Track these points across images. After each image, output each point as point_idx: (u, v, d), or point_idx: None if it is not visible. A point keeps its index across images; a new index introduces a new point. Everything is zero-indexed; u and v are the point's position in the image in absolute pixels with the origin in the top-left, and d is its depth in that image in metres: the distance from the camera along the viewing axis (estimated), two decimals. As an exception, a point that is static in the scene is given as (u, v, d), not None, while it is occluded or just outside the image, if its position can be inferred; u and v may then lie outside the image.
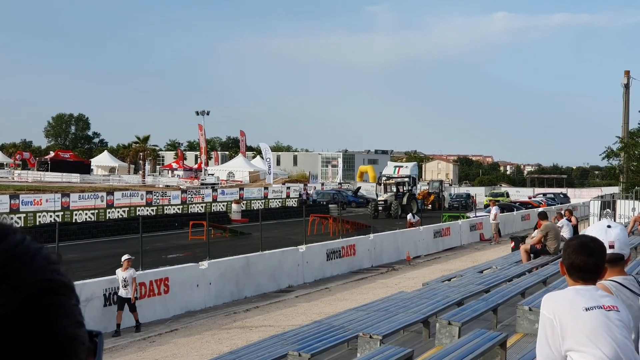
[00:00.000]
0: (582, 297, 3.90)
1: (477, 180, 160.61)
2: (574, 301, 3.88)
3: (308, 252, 29.16)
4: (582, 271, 4.02)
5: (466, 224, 45.83)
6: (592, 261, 4.01)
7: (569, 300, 3.90)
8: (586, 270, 4.01)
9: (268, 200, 71.10)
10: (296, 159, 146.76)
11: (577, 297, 3.90)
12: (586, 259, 4.02)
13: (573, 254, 4.08)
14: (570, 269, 4.07)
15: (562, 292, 4.04)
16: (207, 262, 24.03)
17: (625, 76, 53.42)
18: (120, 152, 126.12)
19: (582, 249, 4.09)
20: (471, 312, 12.40)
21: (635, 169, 52.00)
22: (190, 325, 20.92)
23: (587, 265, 4.01)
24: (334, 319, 13.71)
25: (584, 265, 4.01)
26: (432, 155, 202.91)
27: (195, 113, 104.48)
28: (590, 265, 4.01)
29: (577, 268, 4.03)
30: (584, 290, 3.95)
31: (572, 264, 4.06)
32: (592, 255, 4.04)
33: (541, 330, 3.98)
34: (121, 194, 59.69)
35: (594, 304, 3.86)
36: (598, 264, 4.02)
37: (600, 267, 4.04)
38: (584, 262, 4.01)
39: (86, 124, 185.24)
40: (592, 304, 3.86)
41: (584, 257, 4.03)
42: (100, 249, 36.37)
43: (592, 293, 3.93)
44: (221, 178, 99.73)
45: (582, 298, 3.89)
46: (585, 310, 3.83)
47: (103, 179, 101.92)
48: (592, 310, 3.83)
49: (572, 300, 3.90)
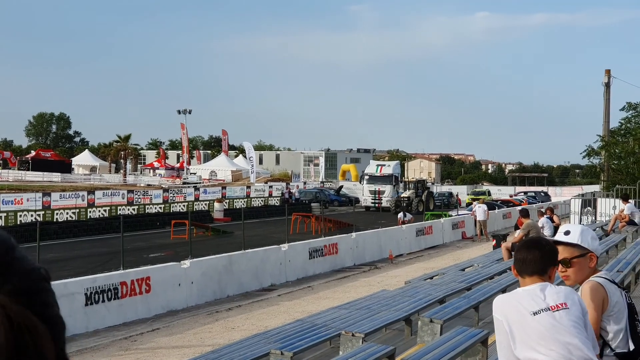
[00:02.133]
0: (530, 299, 3.95)
1: (459, 179, 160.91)
2: (522, 304, 3.94)
3: (290, 250, 29.15)
4: (524, 265, 4.10)
5: (448, 223, 45.92)
6: (532, 255, 4.10)
7: (518, 304, 3.97)
8: (527, 262, 4.09)
9: (250, 199, 71.06)
10: (278, 158, 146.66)
11: (525, 300, 3.96)
12: (526, 253, 4.12)
13: (517, 252, 4.23)
14: (515, 265, 4.18)
15: (512, 295, 4.12)
16: (189, 261, 23.95)
17: (606, 75, 53.67)
18: (102, 151, 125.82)
19: (524, 245, 4.24)
20: (453, 310, 12.43)
21: (616, 167, 52.30)
22: (172, 324, 20.87)
23: (527, 259, 4.09)
24: (317, 318, 13.70)
25: (524, 258, 4.10)
26: (415, 154, 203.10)
27: (177, 112, 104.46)
28: (529, 258, 4.09)
29: (519, 262, 4.13)
30: (532, 291, 4.00)
31: (516, 260, 4.19)
32: (532, 249, 4.14)
33: (497, 333, 4.04)
34: (102, 193, 59.58)
35: (542, 307, 3.92)
36: (537, 258, 4.09)
37: (542, 261, 4.10)
38: (524, 256, 4.12)
39: (67, 123, 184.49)
40: (539, 306, 3.92)
41: (524, 251, 4.14)
42: (81, 248, 36.22)
43: (540, 293, 3.98)
44: (203, 177, 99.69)
45: (530, 301, 3.94)
46: (533, 315, 3.89)
47: (84, 178, 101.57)
48: (539, 314, 3.90)
49: (521, 303, 3.95)
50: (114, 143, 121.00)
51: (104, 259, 30.29)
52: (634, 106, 53.10)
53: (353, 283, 28.10)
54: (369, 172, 74.13)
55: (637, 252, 15.73)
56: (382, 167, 75.43)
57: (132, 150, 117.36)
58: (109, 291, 20.36)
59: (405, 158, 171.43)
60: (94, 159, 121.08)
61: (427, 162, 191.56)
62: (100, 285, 20.13)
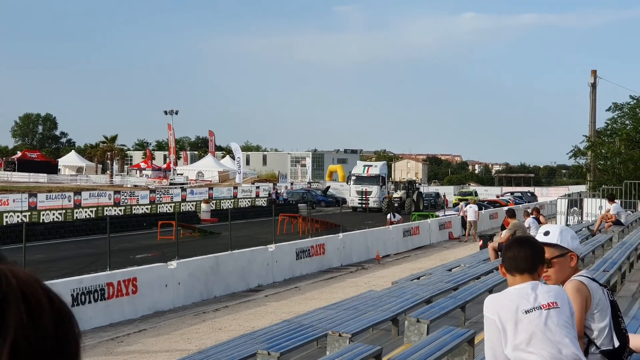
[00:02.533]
0: (522, 297, 3.96)
1: (446, 179, 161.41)
2: (514, 303, 3.95)
3: (277, 251, 29.14)
4: (515, 262, 4.10)
5: (435, 223, 45.98)
6: (524, 252, 4.11)
7: (510, 302, 3.97)
8: (518, 260, 4.10)
9: (237, 200, 70.93)
10: (266, 159, 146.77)
11: (517, 298, 3.97)
12: (517, 250, 4.13)
13: (506, 249, 4.23)
14: (505, 263, 4.17)
15: (504, 294, 4.12)
16: (175, 262, 23.91)
17: (592, 76, 53.85)
18: (88, 151, 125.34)
19: (514, 242, 4.27)
20: (439, 310, 12.46)
21: (602, 167, 52.46)
22: (159, 325, 20.83)
23: (518, 256, 4.10)
24: (304, 318, 13.71)
25: (515, 256, 4.11)
26: (402, 154, 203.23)
27: (164, 112, 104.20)
28: (521, 256, 4.10)
29: (510, 260, 4.13)
30: (523, 290, 4.01)
31: (505, 258, 4.17)
32: (523, 247, 4.15)
33: (486, 332, 4.05)
34: (89, 194, 59.34)
35: (533, 305, 3.94)
36: (528, 255, 4.10)
37: (533, 258, 4.11)
38: (515, 253, 4.12)
39: (53, 123, 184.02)
40: (531, 305, 3.94)
41: (515, 248, 4.14)
42: (67, 249, 36.11)
43: (531, 292, 3.99)
44: (190, 178, 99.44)
45: (522, 299, 3.95)
46: (525, 313, 3.91)
47: (70, 179, 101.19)
48: (531, 312, 3.91)
49: (513, 302, 3.96)
50: (100, 144, 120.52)
51: (90, 259, 30.21)
52: (620, 106, 53.27)
53: (340, 283, 28.11)
54: (356, 173, 74.23)
55: (623, 252, 15.79)
56: (369, 167, 75.54)
57: (118, 151, 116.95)
58: (95, 292, 20.30)
59: (392, 159, 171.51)
60: (80, 159, 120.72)
61: (414, 163, 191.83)
62: (86, 286, 20.07)
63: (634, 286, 13.60)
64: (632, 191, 38.13)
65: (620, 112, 53.43)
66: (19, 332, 1.01)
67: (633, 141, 50.61)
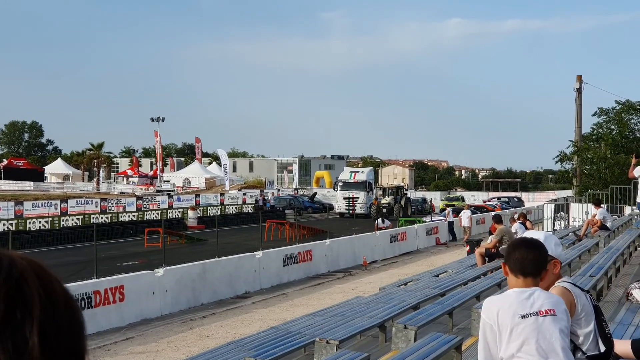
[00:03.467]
0: (521, 302, 3.98)
1: (432, 184, 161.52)
2: (512, 307, 3.97)
3: (265, 258, 29.12)
4: (522, 264, 4.11)
5: (422, 229, 46.05)
6: (533, 255, 4.12)
7: (508, 306, 3.98)
8: (526, 262, 4.11)
9: (224, 207, 70.90)
10: (252, 165, 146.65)
11: (515, 302, 3.98)
12: (526, 252, 4.13)
13: (514, 250, 4.20)
14: (510, 263, 4.16)
15: (502, 297, 4.13)
16: (162, 269, 23.87)
17: (578, 81, 54.05)
18: (74, 159, 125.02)
19: (522, 244, 4.23)
20: (427, 316, 12.45)
21: (588, 172, 52.59)
22: (146, 333, 20.78)
23: (527, 258, 4.11)
24: (291, 325, 13.69)
25: (523, 258, 4.11)
26: (388, 160, 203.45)
27: (150, 119, 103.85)
28: (530, 257, 4.11)
29: (517, 261, 4.13)
30: (523, 294, 4.02)
31: (512, 259, 4.16)
32: (532, 249, 4.15)
33: (481, 334, 4.07)
34: (75, 201, 59.11)
35: (531, 311, 3.95)
36: (537, 259, 4.12)
37: (540, 262, 4.12)
38: (523, 255, 4.12)
39: (39, 131, 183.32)
40: (528, 310, 3.95)
41: (524, 250, 4.14)
42: (54, 257, 35.90)
43: (530, 298, 4.01)
44: (177, 184, 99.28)
45: (520, 304, 3.97)
46: (521, 318, 3.93)
47: (57, 186, 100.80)
48: (527, 318, 3.93)
49: (511, 305, 3.97)
50: (86, 151, 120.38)
51: (77, 267, 30.11)
52: (605, 111, 53.43)
53: (327, 290, 28.11)
54: (343, 179, 74.29)
55: (610, 256, 15.83)
56: (356, 173, 75.61)
57: (105, 158, 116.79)
58: (82, 300, 20.24)
59: (379, 164, 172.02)
60: (66, 167, 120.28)
61: (400, 168, 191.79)
62: (73, 294, 19.95)
63: (620, 291, 13.64)
64: (618, 196, 38.25)
65: (605, 117, 53.58)
66: (40, 307, 1.06)
67: (619, 146, 50.77)
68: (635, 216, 28.56)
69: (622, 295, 12.31)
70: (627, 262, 18.49)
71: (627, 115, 52.68)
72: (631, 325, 8.80)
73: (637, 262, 18.38)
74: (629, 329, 8.58)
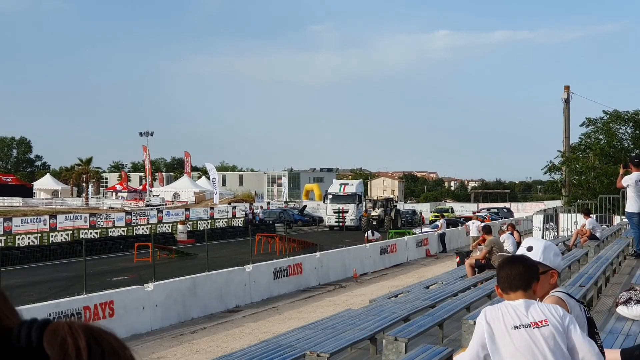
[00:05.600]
0: (514, 313, 4.04)
1: (422, 196, 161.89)
2: (507, 317, 4.02)
3: (255, 271, 29.08)
4: (509, 281, 4.18)
5: (412, 240, 46.09)
6: (516, 269, 4.20)
7: (504, 316, 4.04)
8: (511, 278, 4.18)
9: (214, 221, 70.87)
10: (242, 179, 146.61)
11: (510, 313, 4.04)
12: (509, 269, 4.23)
13: (500, 270, 4.31)
14: (499, 283, 4.27)
15: (500, 307, 4.16)
16: (152, 284, 23.80)
17: (565, 91, 54.36)
18: (63, 174, 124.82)
19: (506, 262, 4.34)
20: (417, 328, 12.45)
21: (577, 182, 52.80)
22: (136, 348, 20.68)
23: (511, 274, 4.19)
24: (282, 338, 13.66)
25: (508, 275, 4.20)
26: (378, 172, 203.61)
27: (139, 134, 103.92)
28: (513, 273, 4.19)
29: (503, 280, 4.22)
30: (517, 306, 4.08)
31: (500, 279, 4.26)
32: (515, 264, 4.25)
33: (475, 334, 4.09)
34: (64, 217, 59.05)
35: (523, 322, 3.99)
36: (521, 273, 4.18)
37: (525, 275, 4.18)
38: (507, 272, 4.21)
39: (28, 147, 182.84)
40: (521, 321, 4.00)
41: (507, 267, 4.25)
42: (44, 273, 35.83)
43: (524, 310, 4.05)
44: (166, 199, 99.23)
45: (513, 315, 4.02)
46: (514, 329, 3.96)
47: (46, 202, 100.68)
48: (519, 329, 3.98)
49: (506, 316, 4.02)
50: (75, 166, 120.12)
51: (66, 283, 30.02)
52: (593, 122, 53.72)
53: (318, 302, 28.08)
54: (332, 192, 74.32)
55: (599, 266, 15.85)
56: (345, 186, 75.65)
57: (94, 174, 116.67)
58: (72, 316, 20.14)
59: (369, 177, 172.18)
60: (55, 182, 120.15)
61: (390, 181, 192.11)
62: (63, 310, 19.94)
63: (610, 301, 13.66)
64: (607, 206, 38.37)
65: (593, 127, 53.88)
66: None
67: (607, 156, 51.04)
68: (624, 226, 28.64)
69: (612, 305, 12.33)
70: (617, 272, 18.51)
71: (614, 125, 52.99)
72: (621, 335, 8.82)
73: (626, 272, 18.40)
74: (619, 338, 8.60)
